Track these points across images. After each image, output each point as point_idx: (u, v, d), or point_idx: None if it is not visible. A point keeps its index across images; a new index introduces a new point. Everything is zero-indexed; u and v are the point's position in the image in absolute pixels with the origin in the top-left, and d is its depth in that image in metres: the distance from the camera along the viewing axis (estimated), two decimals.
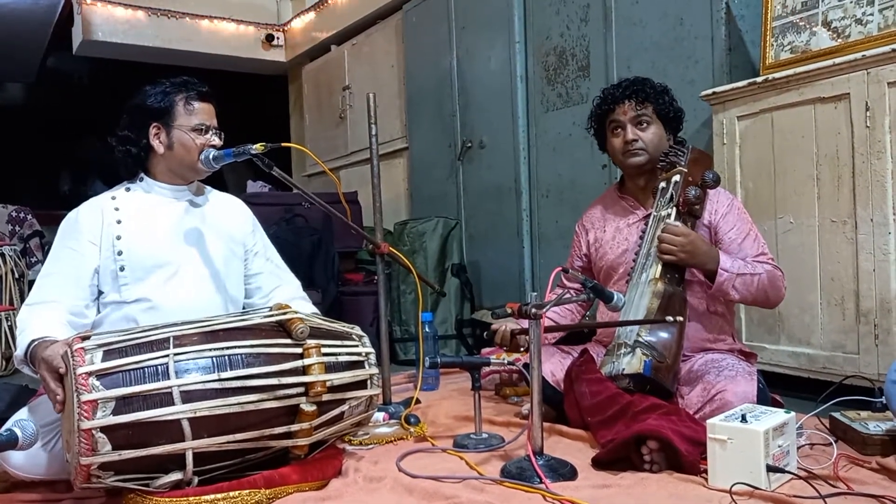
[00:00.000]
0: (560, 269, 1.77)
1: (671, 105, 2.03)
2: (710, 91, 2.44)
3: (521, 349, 2.14)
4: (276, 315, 1.59)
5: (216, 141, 1.82)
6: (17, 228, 4.76)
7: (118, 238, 1.74)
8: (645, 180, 2.07)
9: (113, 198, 1.81)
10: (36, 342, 1.54)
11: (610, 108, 2.05)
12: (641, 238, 1.98)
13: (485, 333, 2.25)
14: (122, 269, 1.72)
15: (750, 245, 1.91)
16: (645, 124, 2.01)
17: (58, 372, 1.42)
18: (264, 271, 1.96)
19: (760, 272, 1.85)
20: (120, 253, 1.73)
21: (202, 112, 1.81)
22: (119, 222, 1.76)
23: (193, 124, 1.79)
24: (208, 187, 1.97)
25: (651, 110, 2.01)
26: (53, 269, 1.73)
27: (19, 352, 1.57)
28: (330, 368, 1.54)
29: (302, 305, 1.85)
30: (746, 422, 1.45)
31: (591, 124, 2.14)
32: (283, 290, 1.95)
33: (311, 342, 1.53)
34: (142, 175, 1.84)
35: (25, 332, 1.59)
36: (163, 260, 1.76)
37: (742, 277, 1.83)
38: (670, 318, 1.73)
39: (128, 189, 1.84)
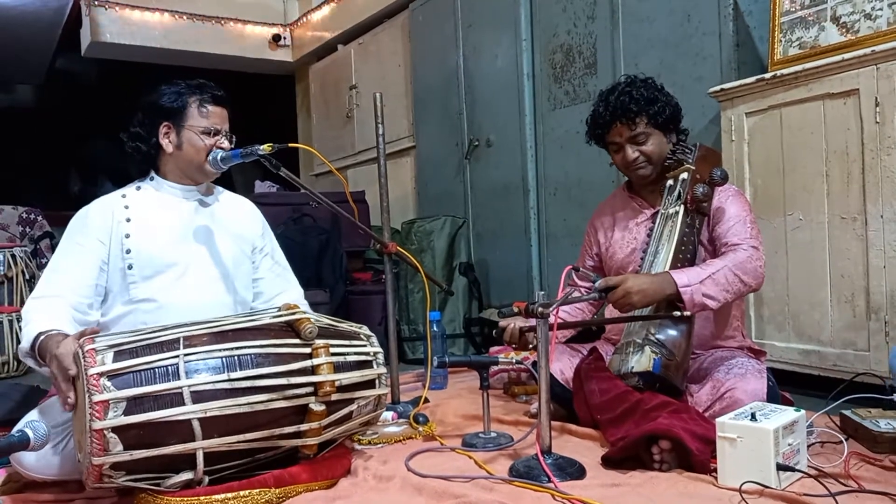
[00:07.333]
0: (571, 267, 1.75)
1: (664, 111, 1.96)
2: (718, 87, 2.43)
3: (530, 346, 2.13)
4: (285, 315, 1.60)
5: (225, 144, 1.82)
6: (28, 230, 4.78)
7: (127, 236, 1.75)
8: (653, 184, 2.06)
9: (123, 196, 1.82)
10: (44, 335, 1.53)
11: (603, 132, 2.02)
12: (649, 236, 1.97)
13: (493, 331, 2.24)
14: (129, 267, 1.73)
15: (739, 230, 1.85)
16: (642, 140, 1.97)
17: (67, 373, 1.42)
18: (268, 276, 1.97)
19: (719, 266, 1.77)
20: (128, 251, 1.74)
21: (214, 115, 1.82)
22: (129, 220, 1.77)
23: (204, 126, 1.80)
24: (219, 187, 1.97)
25: (644, 124, 1.96)
26: (60, 264, 1.73)
27: (25, 343, 1.56)
28: (339, 368, 1.55)
29: None
30: (756, 420, 1.44)
31: (589, 139, 2.10)
32: (285, 298, 1.92)
33: (319, 342, 1.54)
34: (153, 174, 1.86)
35: (31, 323, 1.58)
36: (171, 259, 1.77)
37: (704, 283, 1.75)
38: (677, 313, 1.72)
39: (138, 188, 1.85)
